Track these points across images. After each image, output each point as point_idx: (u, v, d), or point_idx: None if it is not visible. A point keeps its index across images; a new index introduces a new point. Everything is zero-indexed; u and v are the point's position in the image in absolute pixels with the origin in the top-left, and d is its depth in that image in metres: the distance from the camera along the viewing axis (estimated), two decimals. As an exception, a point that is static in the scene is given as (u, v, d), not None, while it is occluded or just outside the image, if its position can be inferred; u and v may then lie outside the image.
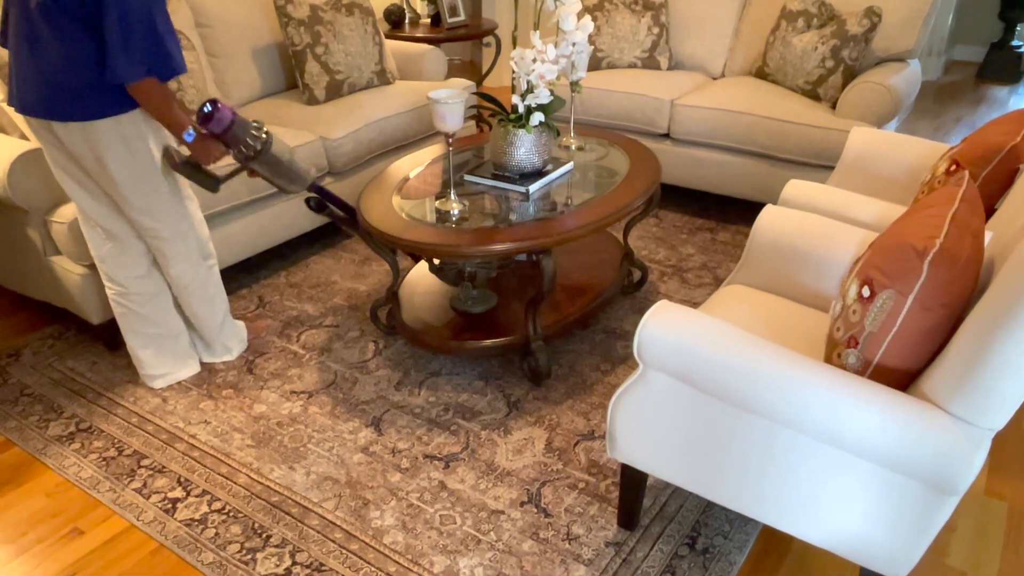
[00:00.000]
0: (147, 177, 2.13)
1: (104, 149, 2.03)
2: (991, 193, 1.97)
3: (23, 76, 1.99)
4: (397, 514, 1.96)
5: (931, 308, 1.36)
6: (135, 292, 2.32)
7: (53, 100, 1.97)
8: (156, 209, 2.19)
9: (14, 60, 2.00)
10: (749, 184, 3.40)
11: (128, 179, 2.10)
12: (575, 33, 2.48)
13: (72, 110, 1.97)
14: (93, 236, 2.26)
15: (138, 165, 2.10)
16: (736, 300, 2.00)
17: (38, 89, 1.97)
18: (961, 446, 1.28)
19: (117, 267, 2.28)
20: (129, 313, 2.34)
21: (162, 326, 2.40)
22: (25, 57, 1.96)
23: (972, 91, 5.67)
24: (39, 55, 1.94)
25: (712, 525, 1.93)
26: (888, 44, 3.42)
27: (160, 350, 2.41)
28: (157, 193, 2.17)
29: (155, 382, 2.44)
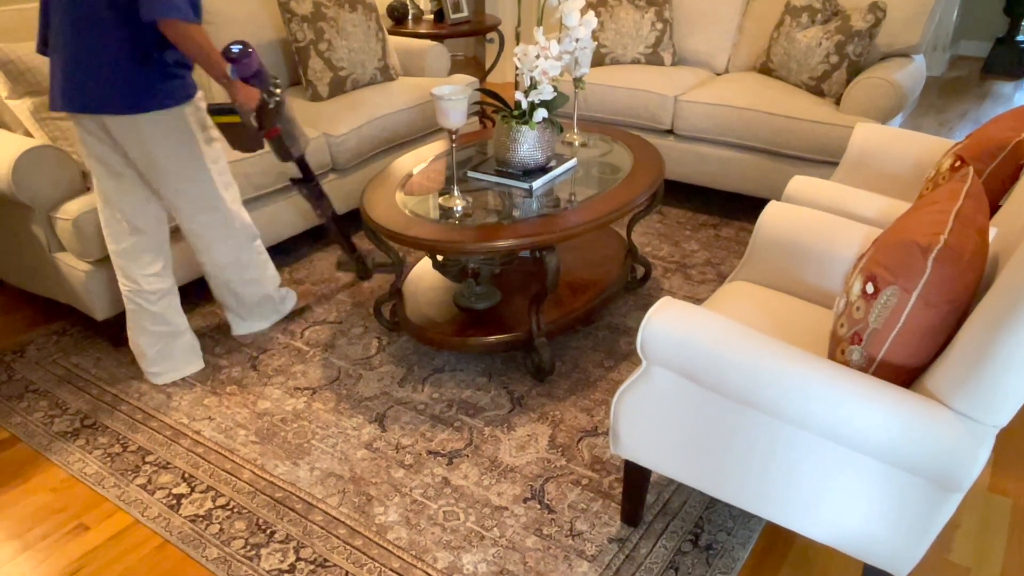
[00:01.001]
0: (191, 166, 2.23)
1: (153, 140, 2.12)
2: (996, 189, 1.97)
3: (73, 76, 2.04)
4: (401, 510, 1.96)
5: (935, 305, 1.36)
6: (148, 289, 2.35)
7: (107, 96, 2.04)
8: (196, 197, 2.29)
9: (60, 63, 2.05)
10: (753, 180, 3.39)
11: (174, 168, 2.20)
12: (579, 29, 2.47)
13: (125, 104, 2.05)
14: (117, 230, 2.29)
15: (183, 155, 2.20)
16: (740, 296, 1.99)
17: (91, 87, 2.04)
18: (965, 443, 1.28)
19: (134, 263, 2.32)
20: (140, 310, 2.37)
21: (170, 324, 2.43)
22: (74, 58, 2.02)
23: (977, 86, 5.65)
24: (91, 54, 2.01)
25: (715, 521, 1.93)
26: (893, 39, 3.41)
27: (165, 348, 2.44)
28: (199, 182, 2.27)
29: (158, 378, 2.46)
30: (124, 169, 2.22)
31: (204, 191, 2.30)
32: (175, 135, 2.16)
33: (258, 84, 2.14)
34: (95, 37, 1.99)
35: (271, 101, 2.17)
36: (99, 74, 2.02)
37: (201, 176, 2.27)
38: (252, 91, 2.18)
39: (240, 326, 2.69)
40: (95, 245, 2.42)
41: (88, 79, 2.03)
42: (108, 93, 2.04)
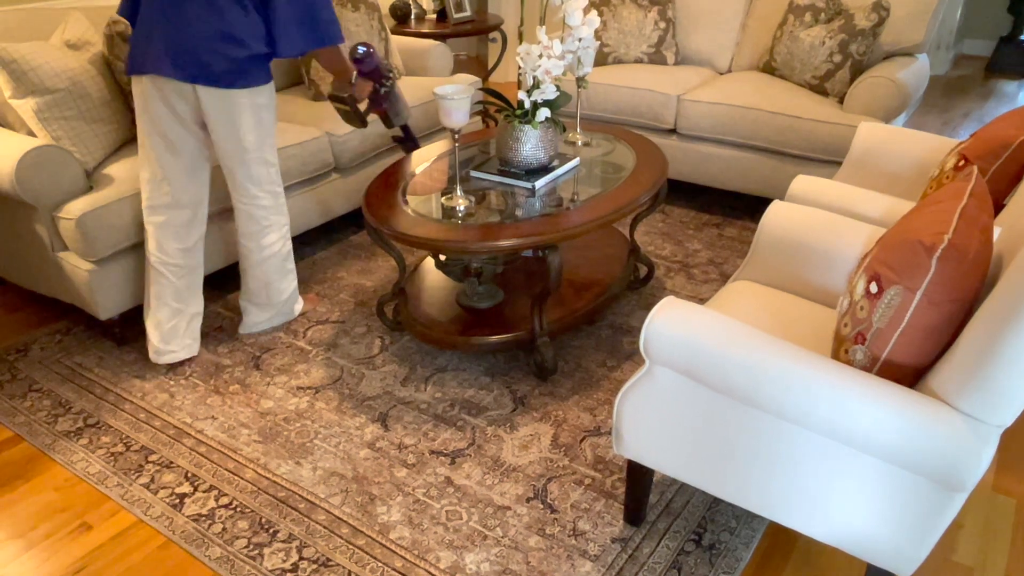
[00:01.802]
0: (266, 146, 2.39)
1: (239, 115, 2.27)
2: (1000, 189, 1.96)
3: (181, 47, 2.14)
4: (403, 509, 1.96)
5: (939, 304, 1.35)
6: (177, 263, 2.43)
7: (210, 66, 2.16)
8: (265, 178, 2.43)
9: (159, 22, 2.15)
10: (756, 179, 3.39)
11: (252, 145, 2.34)
12: (581, 28, 2.47)
13: (226, 78, 2.19)
14: (160, 203, 2.38)
15: (262, 133, 2.35)
16: (743, 296, 1.99)
17: (200, 59, 2.15)
18: (969, 443, 1.27)
19: (170, 236, 2.40)
20: (166, 283, 2.44)
21: (188, 303, 2.50)
22: (184, 31, 2.13)
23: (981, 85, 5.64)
24: (199, 25, 2.12)
25: (718, 521, 1.93)
26: (896, 38, 3.40)
27: (178, 326, 2.49)
28: (269, 164, 2.43)
29: (162, 356, 2.48)
30: (185, 145, 2.32)
31: (272, 174, 2.45)
32: (259, 112, 2.31)
33: (374, 77, 2.41)
34: (212, 15, 2.12)
35: (382, 88, 2.45)
36: (209, 45, 2.14)
37: (271, 158, 2.43)
38: (366, 85, 2.41)
39: (256, 321, 2.69)
40: (98, 244, 2.42)
41: (198, 51, 2.14)
42: (221, 67, 2.17)
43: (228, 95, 2.23)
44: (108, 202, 2.43)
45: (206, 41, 2.14)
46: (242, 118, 2.28)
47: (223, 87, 2.21)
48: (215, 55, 2.15)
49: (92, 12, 2.86)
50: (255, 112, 2.30)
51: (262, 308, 2.67)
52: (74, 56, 2.55)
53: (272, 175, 2.45)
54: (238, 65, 2.19)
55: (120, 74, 2.63)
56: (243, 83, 2.23)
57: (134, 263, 2.56)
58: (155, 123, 2.28)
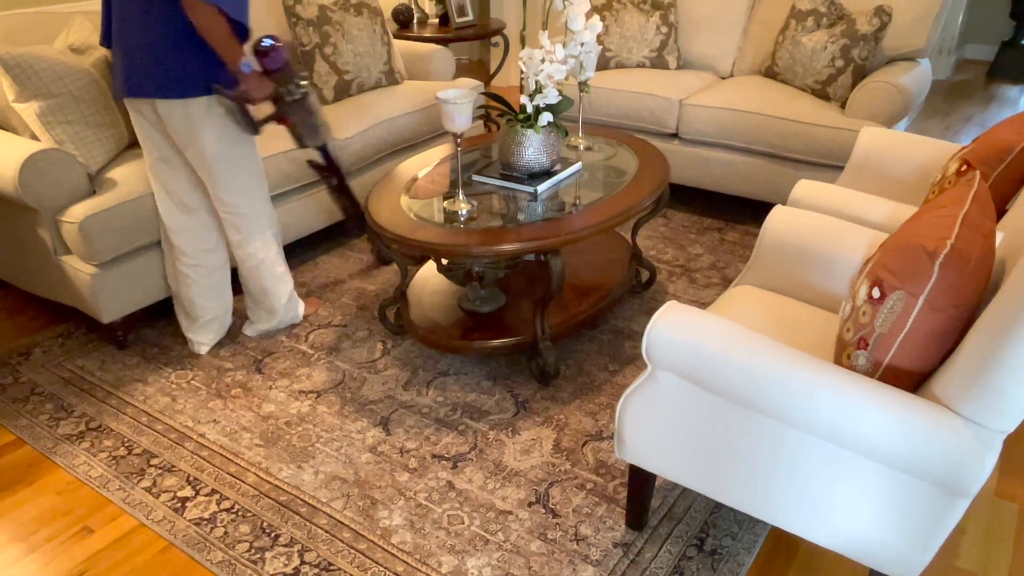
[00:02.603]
0: (234, 153, 2.34)
1: (199, 125, 2.23)
2: (1003, 194, 1.96)
3: (129, 65, 2.17)
4: (405, 514, 1.96)
5: (942, 309, 1.35)
6: (203, 264, 2.51)
7: (160, 80, 2.15)
8: (239, 186, 2.39)
9: (121, 51, 2.19)
10: (758, 184, 3.39)
11: (217, 154, 2.30)
12: (583, 33, 2.48)
13: (176, 89, 2.16)
14: (169, 210, 2.44)
15: (227, 141, 2.30)
16: (745, 301, 1.99)
17: (147, 72, 2.15)
18: (972, 448, 1.27)
19: (189, 239, 2.48)
20: (194, 284, 2.52)
21: (219, 299, 2.59)
22: (129, 47, 2.16)
23: (983, 90, 5.64)
24: (143, 42, 2.13)
25: (720, 526, 1.92)
26: (898, 43, 3.40)
27: (212, 322, 2.60)
28: (242, 170, 2.38)
29: (202, 348, 2.62)
30: (174, 154, 2.37)
31: (247, 181, 2.41)
32: (221, 121, 2.26)
33: (282, 78, 2.24)
34: (147, 27, 2.11)
35: (289, 96, 2.27)
36: (151, 61, 2.13)
37: (245, 165, 2.39)
38: (263, 85, 2.21)
39: (260, 324, 2.71)
40: (101, 248, 2.42)
41: (142, 66, 2.15)
42: (160, 79, 2.15)
43: (184, 105, 2.19)
44: (111, 206, 2.43)
45: (155, 52, 2.13)
46: (202, 128, 2.23)
47: (179, 98, 2.18)
48: (166, 66, 2.13)
49: (95, 17, 2.86)
50: (216, 120, 2.25)
51: (263, 312, 2.68)
52: (77, 60, 2.56)
53: (250, 182, 2.41)
54: (189, 72, 2.15)
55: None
56: (197, 91, 2.18)
57: (137, 267, 2.57)
58: (145, 136, 2.34)
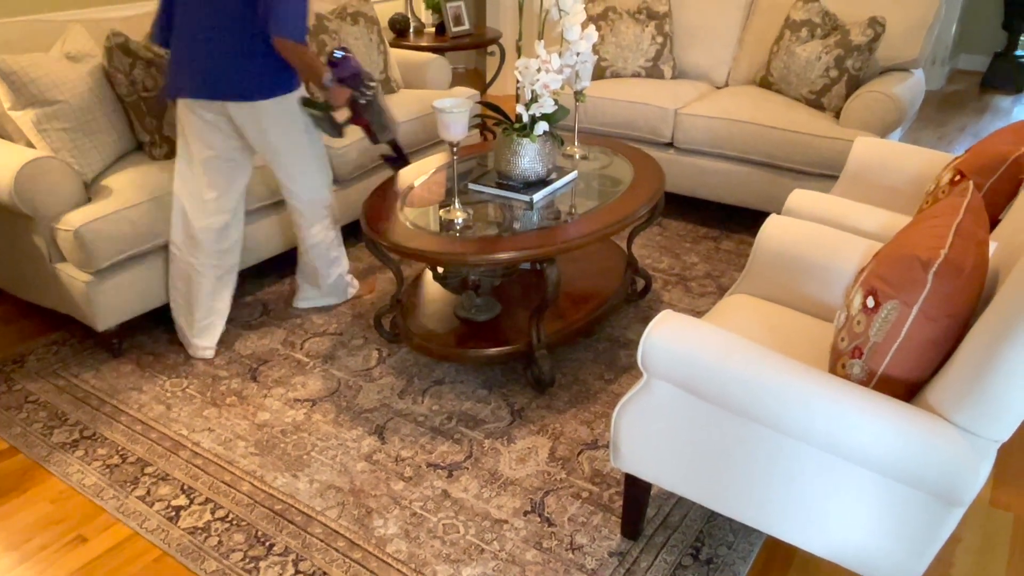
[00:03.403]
0: (299, 147, 2.52)
1: (269, 123, 2.42)
2: (996, 203, 1.97)
3: (204, 67, 2.32)
4: (400, 523, 1.96)
5: (936, 319, 1.36)
6: (216, 264, 2.59)
7: (235, 84, 2.32)
8: (305, 176, 2.59)
9: (186, 52, 2.34)
10: (753, 193, 3.40)
11: (285, 147, 2.49)
12: (579, 43, 2.49)
13: (250, 91, 2.34)
14: (203, 210, 2.52)
15: (293, 136, 2.49)
16: (740, 310, 1.99)
17: (221, 76, 2.32)
18: (966, 457, 1.28)
19: (217, 239, 2.56)
20: (205, 283, 2.59)
21: (224, 301, 2.67)
22: (207, 52, 2.30)
23: (976, 100, 5.68)
24: (223, 48, 2.28)
25: (716, 535, 1.92)
26: (892, 53, 3.42)
27: (214, 323, 2.65)
28: (307, 163, 2.57)
29: (205, 352, 2.66)
30: (234, 153, 2.50)
31: (312, 172, 2.60)
32: (287, 118, 2.45)
33: (352, 84, 2.43)
34: (222, 34, 2.27)
35: (362, 98, 2.47)
36: (229, 65, 2.30)
37: (309, 158, 2.57)
38: (343, 92, 2.44)
39: (308, 297, 2.92)
40: (96, 256, 2.42)
41: (215, 70, 2.31)
42: (237, 82, 2.32)
43: (256, 106, 2.37)
44: (106, 213, 2.43)
45: (230, 57, 2.29)
46: (271, 126, 2.42)
47: (250, 100, 2.36)
48: (239, 70, 2.31)
49: (92, 25, 2.87)
50: (281, 118, 2.44)
51: (313, 287, 2.89)
52: (74, 68, 2.56)
53: (314, 173, 2.61)
54: (262, 76, 2.33)
55: (120, 86, 2.64)
56: (269, 93, 2.36)
57: (132, 274, 2.56)
58: (195, 138, 2.44)
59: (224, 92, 2.34)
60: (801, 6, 3.49)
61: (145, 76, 2.64)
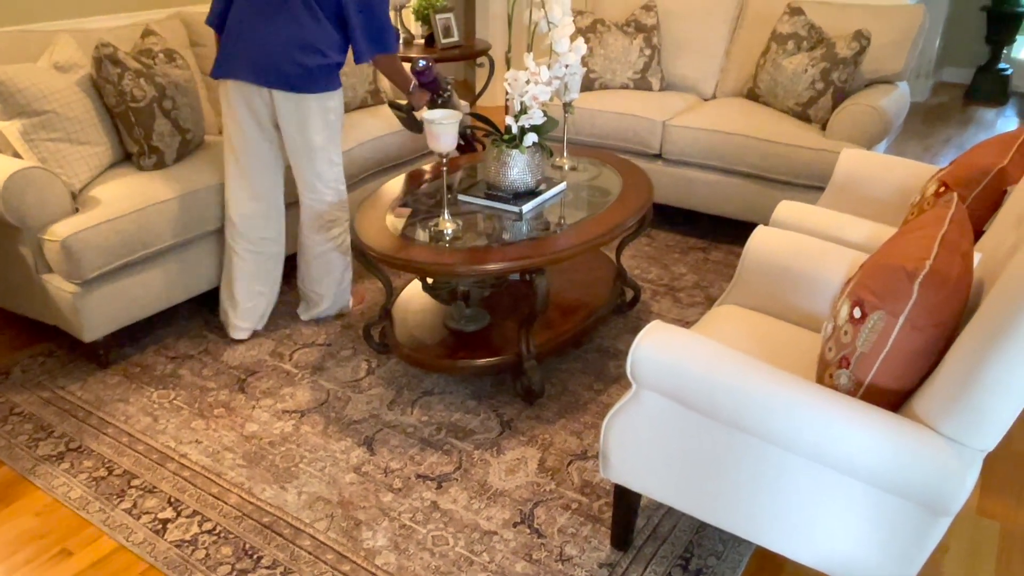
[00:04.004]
0: (332, 146, 2.60)
1: (309, 117, 2.50)
2: (980, 215, 1.99)
3: (263, 55, 2.41)
4: (389, 535, 1.95)
5: (922, 329, 1.37)
6: (260, 251, 2.70)
7: (286, 74, 2.41)
8: (330, 176, 2.64)
9: (244, 37, 2.43)
10: (741, 204, 3.42)
11: (319, 145, 2.56)
12: (568, 55, 2.50)
13: (300, 83, 2.43)
14: (240, 197, 2.64)
15: (329, 134, 2.57)
16: (729, 320, 2.00)
17: (278, 66, 2.40)
18: (953, 467, 1.28)
19: (253, 226, 2.66)
20: (247, 268, 2.70)
21: (268, 286, 2.77)
22: (263, 35, 2.39)
23: (960, 112, 5.74)
24: (280, 35, 2.38)
25: (705, 546, 1.92)
26: (877, 66, 3.46)
27: (256, 307, 2.76)
28: (334, 163, 2.64)
29: (240, 333, 2.76)
30: (267, 142, 2.59)
31: (336, 172, 2.66)
32: (328, 116, 2.53)
33: (432, 87, 2.68)
34: (285, 27, 2.38)
35: (439, 99, 2.70)
36: (286, 57, 2.39)
37: (336, 158, 2.64)
38: (424, 95, 2.68)
39: (313, 309, 2.89)
40: (83, 267, 2.40)
41: (278, 59, 2.39)
42: (295, 73, 2.41)
43: (301, 99, 2.46)
44: (93, 224, 2.42)
45: (285, 50, 2.39)
46: (312, 120, 2.50)
47: (297, 92, 2.44)
48: (292, 63, 2.39)
49: (81, 35, 2.86)
50: (324, 115, 2.52)
51: (323, 296, 2.86)
52: (62, 78, 2.55)
53: (336, 173, 2.67)
54: (312, 72, 2.42)
55: (108, 96, 2.63)
56: (315, 88, 2.45)
57: (120, 285, 2.55)
58: (237, 122, 2.53)
59: (275, 81, 2.43)
60: (787, 19, 3.53)
61: (134, 86, 2.64)
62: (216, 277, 2.86)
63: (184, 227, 2.66)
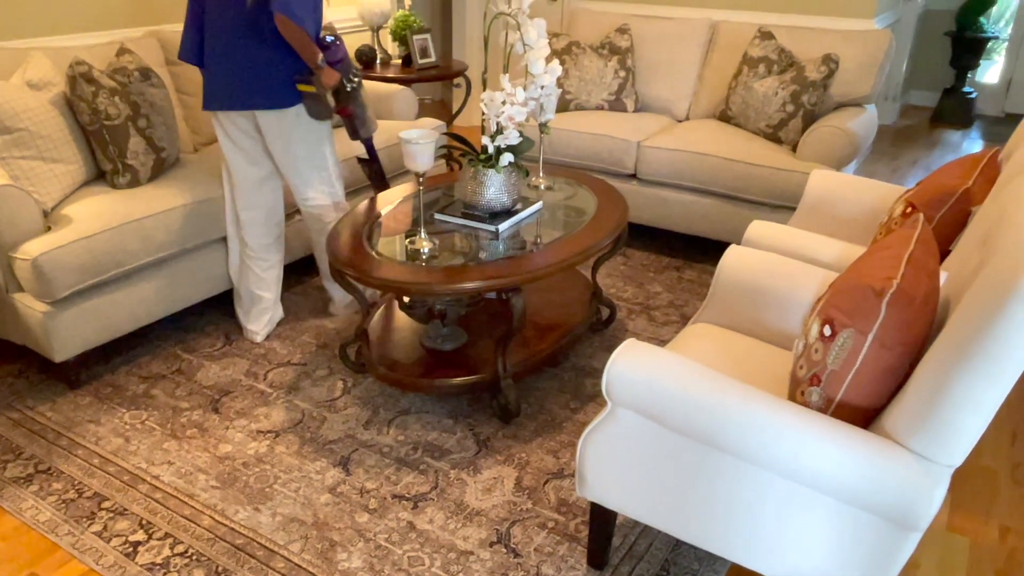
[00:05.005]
0: (317, 154, 2.73)
1: (291, 130, 2.63)
2: (947, 235, 2.04)
3: (235, 81, 2.54)
4: (365, 556, 1.93)
5: (890, 347, 1.40)
6: (262, 257, 2.84)
7: (262, 93, 2.54)
8: (317, 181, 2.76)
9: (217, 67, 2.55)
10: (714, 224, 3.46)
11: (303, 154, 2.69)
12: (544, 76, 2.53)
13: (276, 99, 2.56)
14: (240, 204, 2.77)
15: (312, 144, 2.70)
16: (702, 338, 2.03)
17: (251, 87, 2.53)
18: (921, 482, 1.31)
19: (253, 235, 2.81)
20: (251, 274, 2.84)
21: (268, 291, 2.88)
22: (235, 66, 2.51)
23: (927, 135, 5.86)
24: (250, 63, 2.50)
25: (681, 564, 1.93)
26: (846, 89, 3.53)
27: (263, 310, 2.88)
28: (321, 168, 2.76)
29: (257, 336, 2.89)
30: (260, 158, 2.73)
31: (324, 177, 2.78)
32: (307, 125, 2.65)
33: (340, 69, 2.62)
34: (249, 45, 2.48)
35: (348, 85, 2.66)
36: (255, 76, 2.52)
37: (323, 164, 2.76)
38: (334, 74, 2.60)
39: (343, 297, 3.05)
40: (54, 286, 2.38)
41: (248, 81, 2.52)
42: (265, 91, 2.53)
43: (282, 114, 2.58)
44: (65, 243, 2.40)
45: (251, 72, 2.51)
46: (294, 131, 2.63)
47: (276, 108, 2.56)
48: (260, 83, 2.52)
49: (54, 52, 2.84)
50: (303, 125, 2.64)
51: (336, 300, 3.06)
52: (35, 96, 2.54)
53: (325, 177, 2.78)
54: (281, 87, 2.53)
55: (82, 115, 2.62)
56: (291, 101, 2.57)
57: (91, 305, 2.52)
58: (233, 144, 2.68)
59: (253, 102, 2.55)
60: (758, 43, 3.60)
61: (108, 104, 2.62)
62: (191, 295, 2.84)
63: (158, 246, 2.65)
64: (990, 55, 6.42)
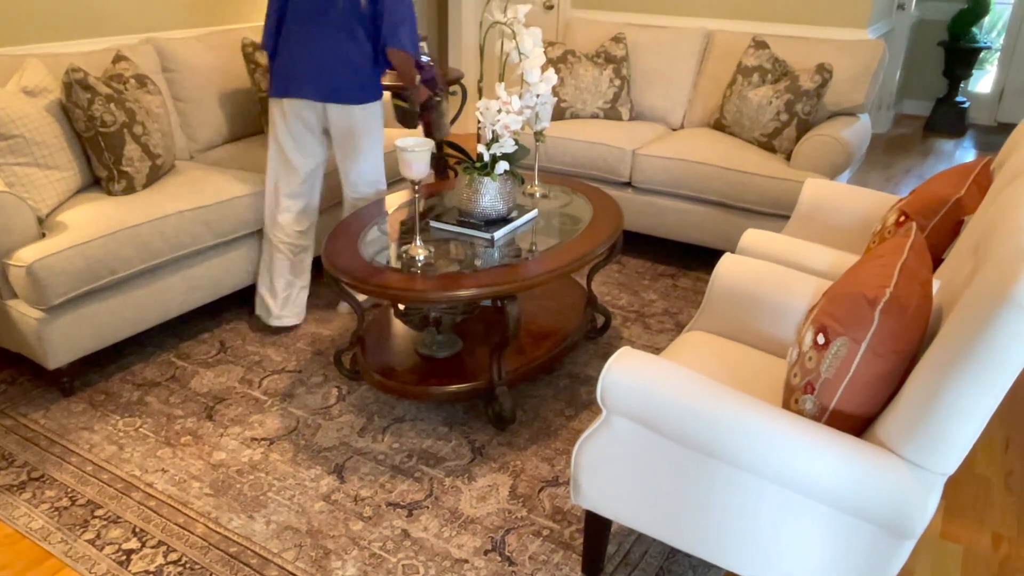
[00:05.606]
0: (375, 149, 2.92)
1: (358, 125, 2.81)
2: (939, 243, 2.05)
3: (318, 73, 2.69)
4: (359, 564, 1.93)
5: (883, 355, 1.40)
6: (296, 243, 2.95)
7: (344, 89, 2.72)
8: (371, 175, 2.95)
9: (297, 57, 2.69)
10: (708, 232, 3.47)
11: (365, 149, 2.88)
12: (539, 85, 2.54)
13: (351, 96, 2.73)
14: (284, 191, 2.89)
15: (374, 139, 2.89)
16: (697, 346, 2.03)
17: (337, 80, 2.70)
18: (915, 490, 1.31)
19: (292, 221, 2.92)
20: (284, 259, 2.94)
21: (300, 277, 3.00)
22: (320, 58, 2.67)
23: (920, 144, 5.90)
24: (337, 57, 2.67)
25: (675, 572, 1.93)
26: (839, 99, 3.56)
27: (290, 296, 2.99)
28: (375, 163, 2.94)
29: (279, 321, 2.99)
30: (314, 150, 2.87)
31: (377, 172, 2.96)
32: (372, 121, 2.85)
33: (431, 86, 2.96)
34: (339, 43, 2.65)
35: (435, 99, 3.00)
36: (338, 72, 2.68)
37: (377, 160, 2.95)
38: (424, 91, 2.96)
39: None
40: (49, 292, 2.37)
41: (329, 75, 2.68)
42: (346, 87, 2.71)
43: (350, 110, 2.75)
44: (60, 250, 2.39)
45: (335, 68, 2.67)
46: (359, 127, 2.81)
47: (348, 104, 2.73)
48: (342, 78, 2.69)
49: (50, 59, 2.85)
50: (368, 122, 2.82)
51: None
52: (31, 103, 2.54)
53: (378, 173, 2.97)
54: (359, 86, 2.72)
55: (78, 121, 2.61)
56: (362, 99, 2.75)
57: (86, 311, 2.52)
58: (290, 133, 2.80)
59: (330, 96, 2.71)
60: (753, 53, 3.62)
61: (104, 111, 2.63)
62: (186, 301, 2.84)
63: (153, 253, 2.64)
64: (982, 65, 6.47)
